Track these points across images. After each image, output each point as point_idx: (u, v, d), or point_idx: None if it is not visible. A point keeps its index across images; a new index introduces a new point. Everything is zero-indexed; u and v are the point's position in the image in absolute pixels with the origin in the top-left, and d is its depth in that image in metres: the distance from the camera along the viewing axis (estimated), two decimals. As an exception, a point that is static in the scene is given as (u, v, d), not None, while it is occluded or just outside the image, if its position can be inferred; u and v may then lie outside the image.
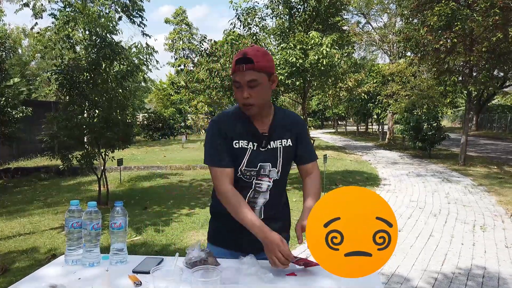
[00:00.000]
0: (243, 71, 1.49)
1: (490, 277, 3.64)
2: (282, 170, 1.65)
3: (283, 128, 1.66)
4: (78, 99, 6.25)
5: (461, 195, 7.29)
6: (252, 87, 1.51)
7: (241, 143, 1.60)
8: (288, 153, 1.67)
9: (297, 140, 1.68)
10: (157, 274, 1.31)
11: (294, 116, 1.73)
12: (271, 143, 1.63)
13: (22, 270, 3.77)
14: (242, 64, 1.49)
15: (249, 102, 1.53)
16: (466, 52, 10.58)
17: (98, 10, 11.77)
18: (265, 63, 1.51)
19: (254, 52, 1.51)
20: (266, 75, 1.54)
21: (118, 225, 1.50)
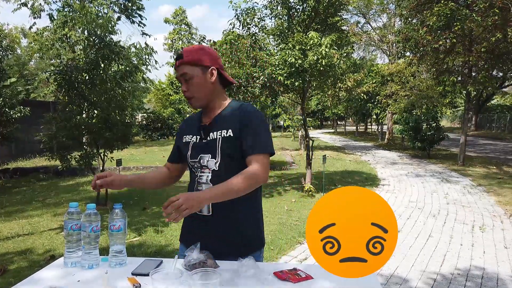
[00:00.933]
0: (177, 67, 1.62)
1: (489, 278, 3.64)
2: (222, 161, 1.59)
3: (225, 120, 1.64)
4: (77, 99, 6.25)
5: (460, 196, 7.30)
6: (186, 81, 1.61)
7: (186, 138, 1.73)
8: (229, 144, 1.58)
9: (241, 131, 1.58)
10: (156, 277, 1.31)
11: (245, 108, 1.65)
12: (210, 134, 1.63)
13: (20, 271, 3.77)
14: (176, 60, 1.63)
15: (187, 95, 1.63)
16: (465, 52, 10.59)
17: (96, 11, 11.77)
18: (195, 56, 1.59)
19: (188, 48, 1.63)
20: (199, 68, 1.60)
21: (117, 227, 1.50)
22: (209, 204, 1.54)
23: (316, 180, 8.53)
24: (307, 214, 5.72)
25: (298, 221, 5.52)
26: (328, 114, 31.80)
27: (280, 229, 5.09)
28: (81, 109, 6.32)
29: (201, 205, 1.42)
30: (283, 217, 5.75)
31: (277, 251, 4.29)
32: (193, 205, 1.36)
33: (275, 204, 6.59)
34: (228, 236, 1.60)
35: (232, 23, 7.84)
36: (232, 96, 7.96)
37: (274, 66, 6.88)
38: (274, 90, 7.75)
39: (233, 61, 8.05)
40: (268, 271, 1.45)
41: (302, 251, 4.33)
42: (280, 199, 7.07)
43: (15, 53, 24.98)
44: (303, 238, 4.70)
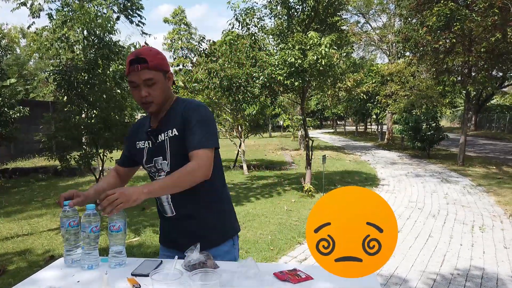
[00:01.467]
0: (138, 71, 1.53)
1: (488, 278, 3.64)
2: (174, 161, 1.60)
3: (171, 119, 1.64)
4: (76, 99, 6.24)
5: (460, 196, 7.30)
6: (149, 86, 1.56)
7: (139, 143, 1.73)
8: (177, 143, 1.59)
9: (184, 129, 1.58)
10: (156, 277, 1.30)
11: (188, 105, 1.64)
12: (159, 137, 1.64)
13: (20, 271, 3.76)
14: (137, 64, 1.53)
15: (148, 100, 1.58)
16: (465, 52, 10.59)
17: (95, 10, 11.75)
18: (158, 61, 1.57)
19: (147, 52, 1.56)
20: (162, 73, 1.59)
21: (117, 228, 1.49)
22: (146, 198, 1.47)
23: (315, 180, 8.53)
24: (306, 214, 5.71)
25: (297, 221, 5.51)
26: (327, 114, 31.82)
27: (279, 229, 5.09)
28: (80, 109, 6.32)
29: (137, 200, 1.40)
30: (282, 217, 5.75)
31: (277, 251, 4.29)
32: (128, 200, 1.37)
33: (275, 204, 6.59)
34: (196, 232, 1.66)
35: (232, 23, 7.83)
36: (232, 96, 7.96)
37: (273, 66, 6.87)
38: (273, 90, 7.74)
39: (232, 61, 8.05)
40: (268, 272, 1.45)
41: (302, 251, 4.33)
42: (279, 199, 7.07)
43: (14, 53, 24.96)
44: (303, 238, 4.69)
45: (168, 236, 1.77)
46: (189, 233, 1.66)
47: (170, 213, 1.69)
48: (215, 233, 1.70)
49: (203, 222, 1.68)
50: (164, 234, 1.80)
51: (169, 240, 1.77)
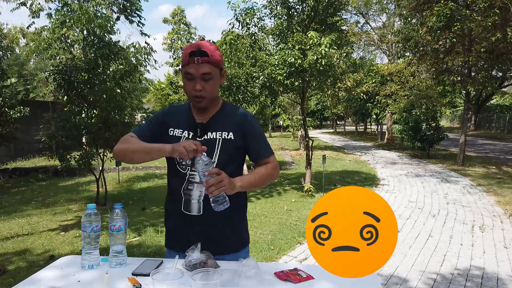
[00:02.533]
0: (198, 64, 1.51)
1: (488, 278, 3.64)
2: (220, 162, 1.57)
3: (224, 121, 1.63)
4: (76, 99, 6.24)
5: (459, 196, 7.30)
6: (205, 80, 1.54)
7: (176, 131, 1.65)
8: (229, 147, 1.59)
9: (244, 137, 1.63)
10: (157, 277, 1.30)
11: (243, 113, 1.68)
12: (208, 133, 1.61)
13: (20, 271, 3.76)
14: (198, 56, 1.51)
15: (201, 94, 1.55)
16: (464, 52, 10.60)
17: (94, 10, 11.75)
18: (218, 57, 1.55)
19: (208, 46, 1.54)
20: (218, 70, 1.57)
21: (118, 227, 1.49)
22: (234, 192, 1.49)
23: (315, 180, 8.53)
24: (307, 214, 5.71)
25: (298, 221, 5.51)
26: (327, 114, 31.83)
27: (280, 229, 5.09)
28: (80, 109, 6.32)
29: (233, 190, 1.47)
30: (283, 217, 5.75)
31: (277, 251, 4.29)
32: (231, 187, 1.43)
33: (275, 204, 6.59)
34: (217, 236, 1.61)
35: (232, 23, 7.84)
36: (232, 96, 7.96)
37: (273, 66, 6.87)
38: (273, 90, 7.74)
39: (232, 61, 8.05)
40: (269, 271, 1.45)
41: (302, 251, 4.33)
42: (279, 199, 7.07)
43: (14, 52, 24.95)
44: (303, 238, 4.69)
45: (183, 237, 1.63)
46: (208, 234, 1.59)
47: (196, 212, 1.59)
48: (237, 238, 1.68)
49: (229, 226, 1.63)
50: (177, 236, 1.67)
51: (184, 243, 1.57)
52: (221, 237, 1.61)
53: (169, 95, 28.06)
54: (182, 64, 1.57)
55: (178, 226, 1.67)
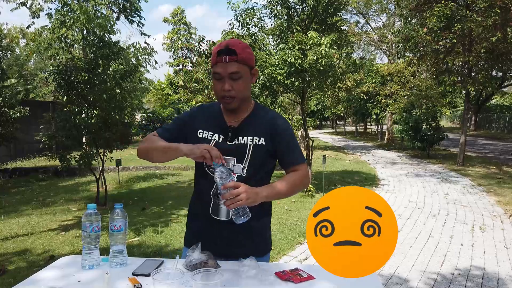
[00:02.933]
0: (225, 63, 1.45)
1: (489, 278, 3.64)
2: (250, 168, 1.54)
3: (256, 126, 1.57)
4: (76, 99, 6.23)
5: (460, 196, 7.30)
6: (234, 80, 1.48)
7: (206, 133, 1.60)
8: (260, 153, 1.55)
9: (275, 142, 1.57)
10: (158, 277, 1.30)
11: (274, 116, 1.62)
12: (239, 138, 1.55)
13: (20, 271, 3.75)
14: (225, 55, 1.45)
15: (230, 94, 1.49)
16: (465, 53, 10.59)
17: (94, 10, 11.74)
18: (247, 55, 1.49)
19: (237, 44, 1.48)
20: (248, 68, 1.51)
21: (118, 227, 1.49)
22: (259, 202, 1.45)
23: (316, 180, 8.53)
24: (307, 214, 5.71)
25: (298, 221, 5.51)
26: (327, 114, 31.83)
27: (280, 229, 5.08)
28: (80, 109, 6.31)
29: (256, 202, 1.42)
30: (283, 217, 5.74)
31: (277, 251, 4.29)
32: (249, 200, 1.38)
33: (275, 204, 6.59)
34: (241, 241, 1.57)
35: (232, 23, 7.84)
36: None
37: (273, 66, 6.87)
38: (273, 90, 7.74)
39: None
40: (270, 272, 1.45)
41: (302, 251, 4.32)
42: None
43: (14, 53, 24.94)
44: (303, 238, 4.69)
45: (205, 238, 1.57)
46: (233, 240, 1.56)
47: (224, 217, 1.54)
48: (262, 244, 1.65)
49: (256, 232, 1.60)
50: (199, 236, 1.60)
51: (209, 245, 1.53)
52: (248, 242, 1.58)
53: (169, 95, 28.07)
54: (211, 64, 1.52)
55: (205, 228, 1.61)
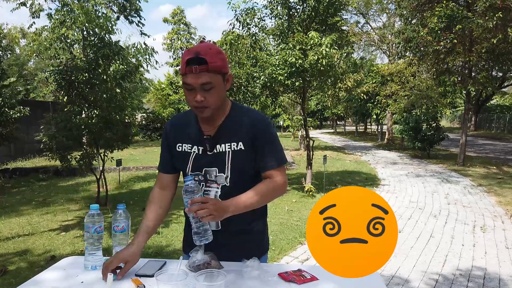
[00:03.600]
0: (196, 73, 1.35)
1: (490, 278, 3.64)
2: (233, 175, 1.49)
3: (233, 130, 1.50)
4: (77, 99, 6.23)
5: (460, 196, 7.29)
6: (206, 90, 1.38)
7: (184, 146, 1.55)
8: (240, 158, 1.48)
9: (253, 144, 1.48)
10: (161, 278, 1.29)
11: (252, 116, 1.53)
12: (217, 146, 1.49)
13: (21, 271, 3.75)
14: (195, 65, 1.34)
15: (203, 105, 1.40)
16: (465, 53, 10.59)
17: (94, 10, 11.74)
18: (219, 63, 1.38)
19: (207, 51, 1.36)
20: (221, 76, 1.41)
21: (121, 228, 1.49)
22: (225, 217, 1.41)
23: (316, 180, 8.53)
24: (307, 214, 5.69)
25: (299, 221, 5.51)
26: (327, 114, 31.82)
27: (281, 230, 5.08)
28: (81, 109, 6.31)
29: (222, 217, 1.39)
30: (284, 217, 5.74)
31: (279, 252, 4.29)
32: (220, 216, 1.35)
33: (276, 205, 6.58)
34: (236, 246, 1.55)
35: (232, 24, 7.83)
36: (233, 96, 7.95)
37: (274, 66, 6.87)
38: (274, 90, 7.73)
39: (233, 61, 8.04)
40: (273, 272, 1.44)
41: (304, 251, 4.32)
42: (280, 199, 7.05)
43: (14, 53, 24.94)
44: (304, 238, 4.69)
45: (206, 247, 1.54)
46: (227, 246, 1.54)
47: (214, 227, 1.52)
48: (258, 246, 1.64)
49: (250, 236, 1.59)
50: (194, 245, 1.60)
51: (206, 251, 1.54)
52: (243, 246, 1.56)
53: (169, 95, 28.08)
54: (181, 73, 1.42)
55: None
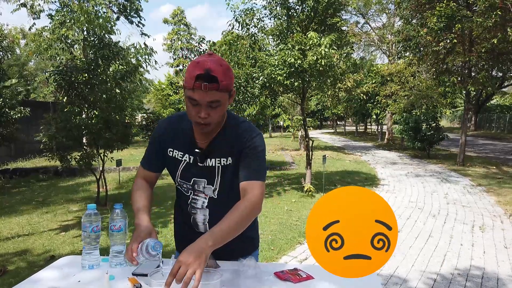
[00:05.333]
0: (205, 91, 1.29)
1: (488, 278, 3.64)
2: (222, 189, 1.51)
3: (224, 145, 1.48)
4: (77, 99, 6.24)
5: (460, 196, 7.30)
6: (212, 108, 1.34)
7: (175, 153, 1.53)
8: (229, 173, 1.49)
9: (241, 156, 1.47)
10: (156, 277, 1.30)
11: (243, 129, 1.50)
12: (207, 160, 1.49)
13: (20, 271, 3.76)
14: (205, 82, 1.28)
15: (207, 121, 1.36)
16: (465, 53, 10.59)
17: (94, 10, 11.76)
18: (228, 81, 1.34)
19: (217, 68, 1.30)
20: (228, 94, 1.37)
21: (118, 228, 1.50)
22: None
23: (315, 180, 8.53)
24: (307, 214, 5.71)
25: (298, 221, 5.52)
26: (327, 115, 31.84)
27: (280, 229, 5.09)
28: (80, 110, 6.32)
29: (207, 258, 1.26)
30: (283, 217, 5.75)
31: (277, 251, 4.29)
32: (202, 265, 1.20)
33: (275, 205, 6.59)
34: (231, 245, 1.50)
35: (232, 24, 7.84)
36: (233, 97, 7.95)
37: (273, 66, 6.88)
38: (273, 90, 7.74)
39: (232, 61, 8.06)
40: (269, 271, 1.45)
41: (302, 251, 4.33)
42: (279, 199, 7.07)
43: (15, 53, 24.97)
44: (303, 238, 4.70)
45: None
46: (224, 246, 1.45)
47: (203, 231, 1.55)
48: (246, 243, 1.64)
49: (240, 237, 1.52)
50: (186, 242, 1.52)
51: None
52: (231, 244, 1.50)
53: (169, 95, 28.09)
54: (186, 86, 1.33)
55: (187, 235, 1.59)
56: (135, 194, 1.58)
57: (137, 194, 1.58)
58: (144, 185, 1.63)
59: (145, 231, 1.41)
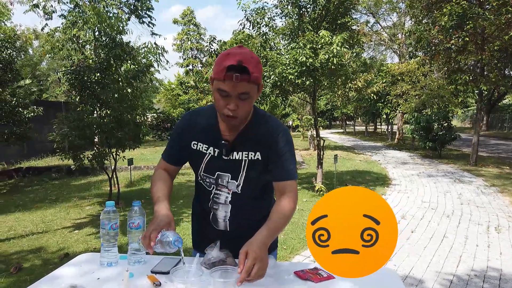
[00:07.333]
0: (236, 82, 1.29)
1: (506, 279, 3.58)
2: (246, 185, 1.49)
3: (252, 140, 1.47)
4: (89, 99, 6.29)
5: (473, 196, 7.19)
6: (242, 99, 1.34)
7: (200, 146, 1.51)
8: (256, 169, 1.47)
9: (270, 154, 1.46)
10: (177, 274, 1.30)
11: (271, 125, 1.50)
12: (234, 153, 1.47)
13: (35, 269, 3.80)
14: (237, 73, 1.28)
15: (236, 114, 1.35)
16: (477, 51, 10.44)
17: (105, 11, 11.86)
18: (258, 73, 1.34)
19: (249, 59, 1.30)
20: (257, 87, 1.37)
21: (136, 225, 1.50)
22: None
23: (326, 179, 8.48)
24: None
25: (309, 221, 5.48)
26: (337, 114, 31.67)
27: (292, 229, 5.07)
28: (93, 109, 6.36)
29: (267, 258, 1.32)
30: (294, 216, 5.70)
31: (290, 251, 4.27)
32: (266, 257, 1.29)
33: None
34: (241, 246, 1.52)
35: (243, 23, 7.83)
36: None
37: (284, 65, 6.85)
38: (284, 89, 7.71)
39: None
40: (289, 271, 1.44)
41: (308, 256, 4.29)
42: (290, 199, 7.03)
43: (27, 54, 25.30)
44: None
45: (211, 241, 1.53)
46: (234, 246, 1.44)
47: (222, 228, 1.56)
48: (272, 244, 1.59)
49: None
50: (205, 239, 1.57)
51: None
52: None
53: (179, 95, 28.20)
54: (215, 76, 1.33)
55: (206, 232, 1.62)
56: (155, 184, 1.56)
57: (158, 183, 1.56)
58: (164, 176, 1.61)
59: (165, 220, 1.39)
